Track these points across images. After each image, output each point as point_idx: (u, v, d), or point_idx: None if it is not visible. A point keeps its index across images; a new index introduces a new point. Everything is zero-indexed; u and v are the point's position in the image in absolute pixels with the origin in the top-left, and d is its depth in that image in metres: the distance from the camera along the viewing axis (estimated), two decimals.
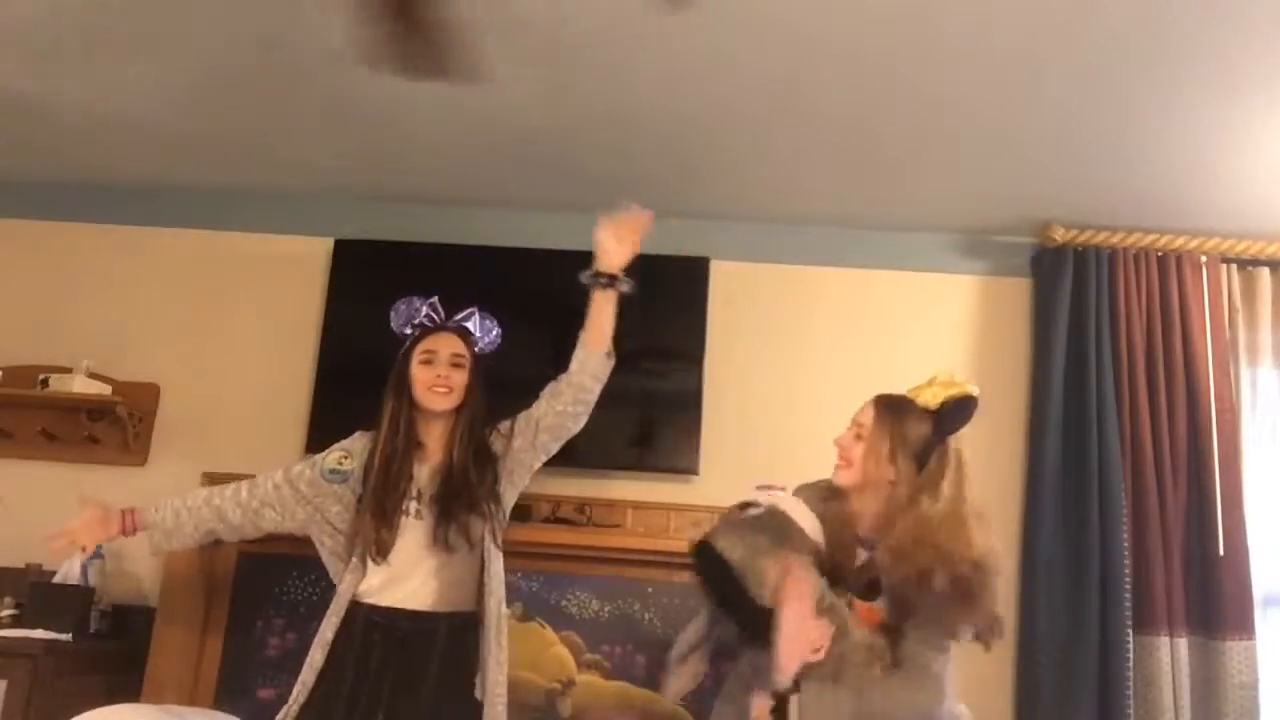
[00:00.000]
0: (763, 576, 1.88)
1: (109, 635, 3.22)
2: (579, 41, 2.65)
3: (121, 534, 2.41)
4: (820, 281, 3.60)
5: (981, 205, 3.45)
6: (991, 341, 3.54)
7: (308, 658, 2.22)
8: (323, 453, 2.43)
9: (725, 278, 3.52)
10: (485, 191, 3.57)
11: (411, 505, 2.29)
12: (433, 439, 2.35)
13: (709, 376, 3.41)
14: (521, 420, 2.37)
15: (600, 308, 2.28)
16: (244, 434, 3.49)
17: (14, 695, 2.81)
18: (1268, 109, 2.75)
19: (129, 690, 3.02)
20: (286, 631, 3.16)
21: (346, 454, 2.38)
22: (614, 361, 2.31)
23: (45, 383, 3.40)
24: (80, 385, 3.37)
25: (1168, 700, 3.05)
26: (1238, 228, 3.39)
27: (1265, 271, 3.45)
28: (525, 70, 2.80)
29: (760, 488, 2.13)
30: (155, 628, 3.14)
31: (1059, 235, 3.44)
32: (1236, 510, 3.20)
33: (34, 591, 3.15)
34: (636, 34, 2.61)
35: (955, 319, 3.57)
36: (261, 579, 3.20)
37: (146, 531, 2.40)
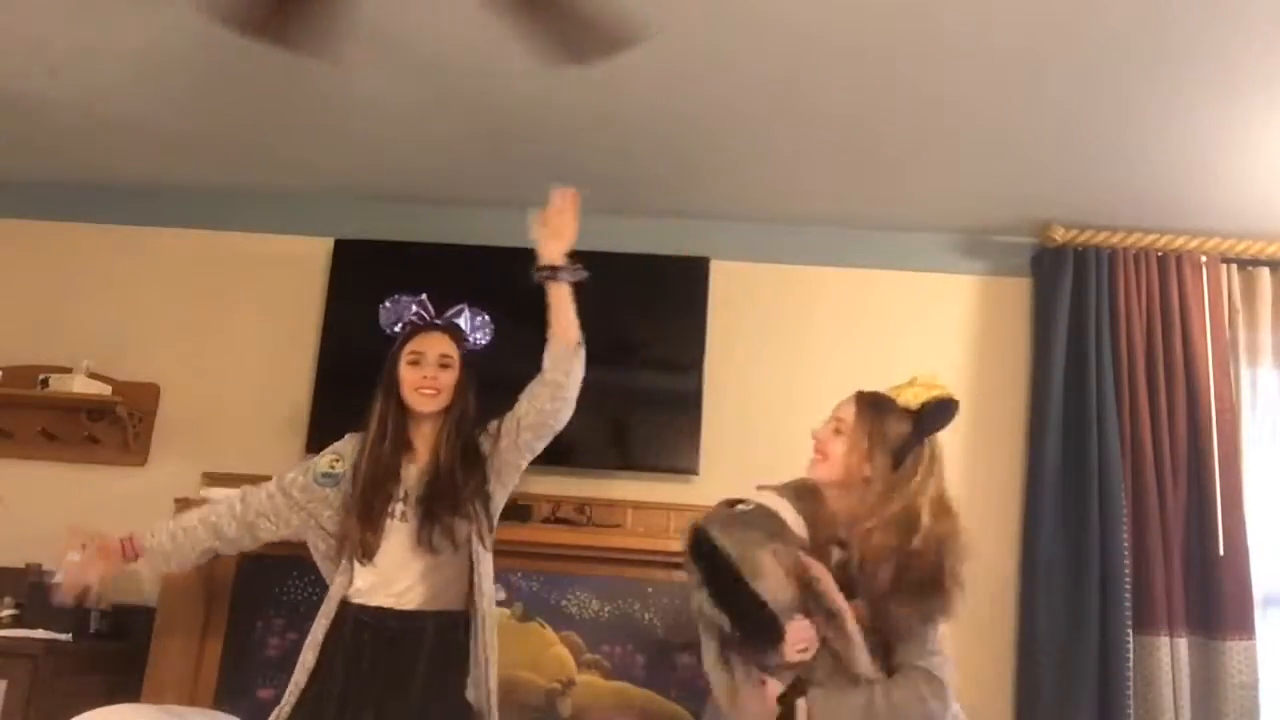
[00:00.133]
0: (758, 567, 1.86)
1: (109, 635, 3.22)
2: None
3: (124, 561, 2.36)
4: (820, 281, 3.60)
5: (981, 205, 3.45)
6: (991, 341, 3.54)
7: (300, 658, 2.22)
8: (314, 458, 2.42)
9: (725, 278, 3.52)
10: (485, 191, 3.56)
11: (398, 508, 2.26)
12: (421, 440, 2.33)
13: (709, 376, 3.41)
14: (507, 420, 2.34)
15: (555, 302, 2.26)
16: (244, 434, 3.50)
17: (14, 695, 2.81)
18: (1268, 109, 2.75)
19: (129, 690, 3.02)
20: (286, 632, 3.15)
21: (338, 457, 2.37)
22: (583, 350, 2.26)
23: (45, 383, 3.40)
24: (80, 385, 3.38)
25: (1168, 700, 3.05)
26: (1238, 228, 3.39)
27: (1265, 271, 3.45)
28: (525, 70, 2.79)
29: (760, 489, 2.11)
30: (155, 628, 3.14)
31: (1059, 235, 3.44)
32: (1236, 510, 3.20)
33: (34, 591, 3.15)
34: (638, 34, 2.61)
35: (955, 319, 3.57)
36: (261, 579, 3.19)
37: (146, 557, 2.36)
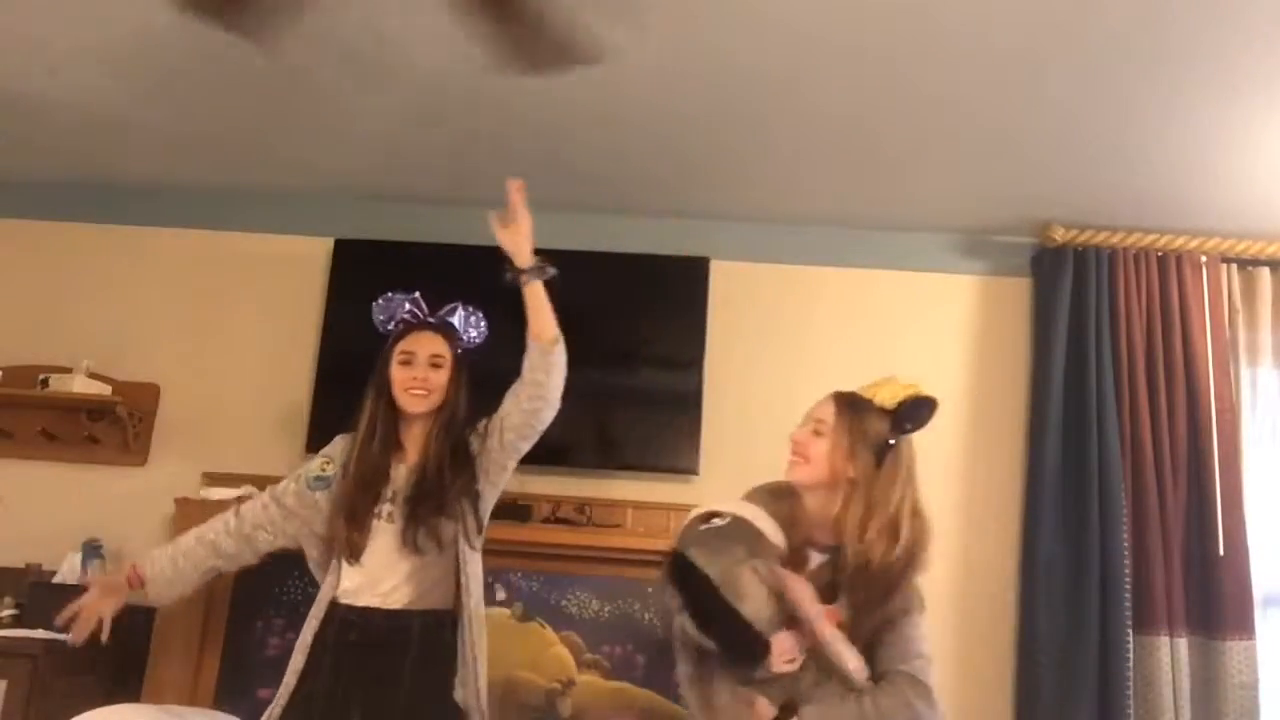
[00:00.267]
0: (741, 589, 1.82)
1: (109, 635, 3.21)
2: (587, 36, 2.64)
3: (131, 592, 2.35)
4: (820, 281, 3.60)
5: (981, 205, 3.45)
6: (991, 341, 3.54)
7: (290, 660, 2.21)
8: (306, 464, 2.40)
9: (725, 278, 3.52)
10: (485, 191, 3.53)
11: (384, 508, 2.25)
12: (411, 440, 2.32)
13: (709, 376, 3.41)
14: (492, 421, 2.32)
15: (529, 302, 2.24)
16: (244, 434, 3.50)
17: (14, 695, 2.81)
18: (1268, 109, 2.75)
19: (129, 690, 3.02)
20: (286, 632, 3.15)
21: (328, 460, 2.36)
22: (561, 348, 2.24)
23: (45, 383, 3.40)
24: (80, 385, 3.37)
25: (1168, 700, 3.05)
26: (1238, 228, 3.39)
27: (1265, 271, 3.45)
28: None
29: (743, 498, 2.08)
30: (155, 628, 3.14)
31: (1059, 235, 3.44)
32: (1236, 510, 3.20)
33: (34, 591, 3.15)
34: (636, 34, 2.61)
35: (955, 319, 3.57)
36: (261, 579, 3.18)
37: (150, 586, 2.34)
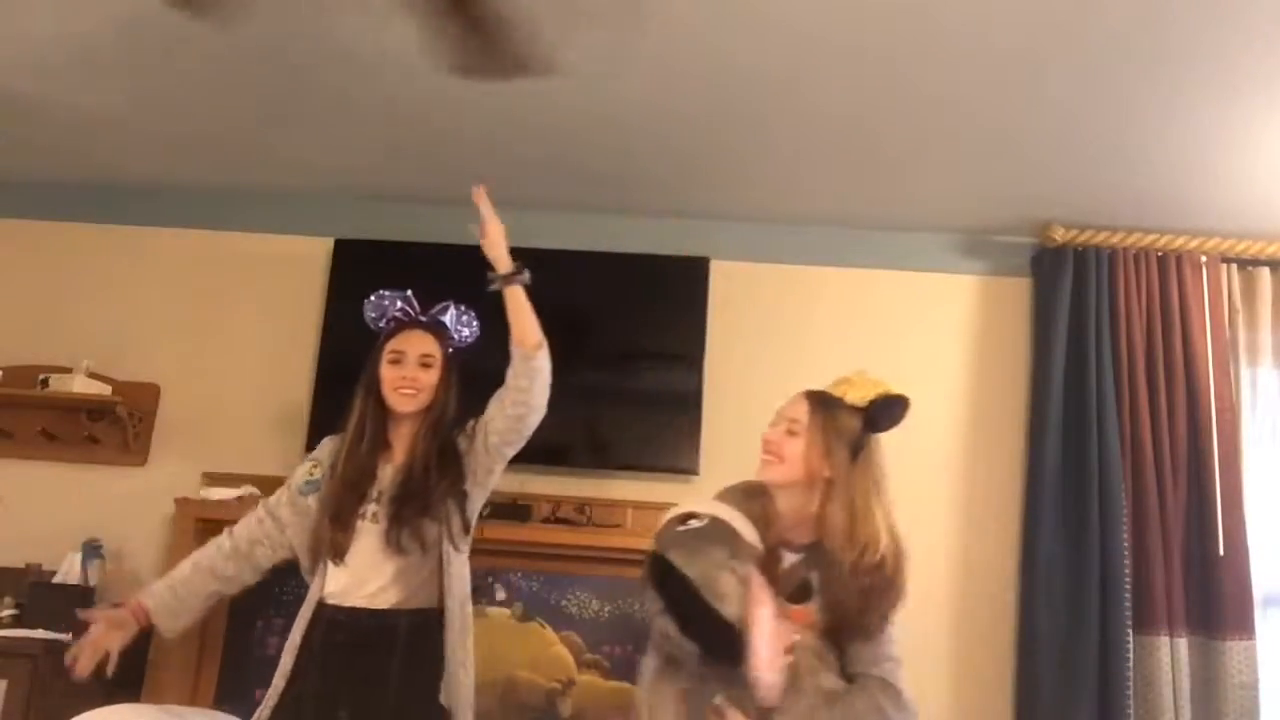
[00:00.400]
0: (721, 590, 1.80)
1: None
2: (580, 42, 2.65)
3: (138, 626, 2.27)
4: (820, 281, 3.60)
5: (981, 205, 3.45)
6: (991, 341, 3.54)
7: (279, 663, 2.20)
8: (294, 471, 2.37)
9: (725, 278, 3.52)
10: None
11: (370, 509, 2.22)
12: (399, 439, 2.29)
13: (709, 376, 3.41)
14: (479, 424, 2.30)
15: (510, 308, 2.22)
16: (244, 434, 3.50)
17: (14, 695, 2.81)
18: (1268, 109, 2.75)
19: (129, 690, 3.01)
20: (286, 632, 3.11)
21: (316, 463, 2.33)
22: (544, 353, 2.21)
23: (45, 383, 3.40)
24: (80, 385, 3.37)
25: (1168, 700, 3.05)
26: (1238, 228, 3.39)
27: (1265, 271, 3.45)
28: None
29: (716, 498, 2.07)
30: (155, 628, 3.13)
31: (1059, 235, 3.44)
32: (1236, 510, 3.20)
33: (34, 591, 3.16)
34: (637, 34, 2.61)
35: (955, 319, 3.57)
36: (261, 580, 3.18)
37: (155, 619, 2.28)
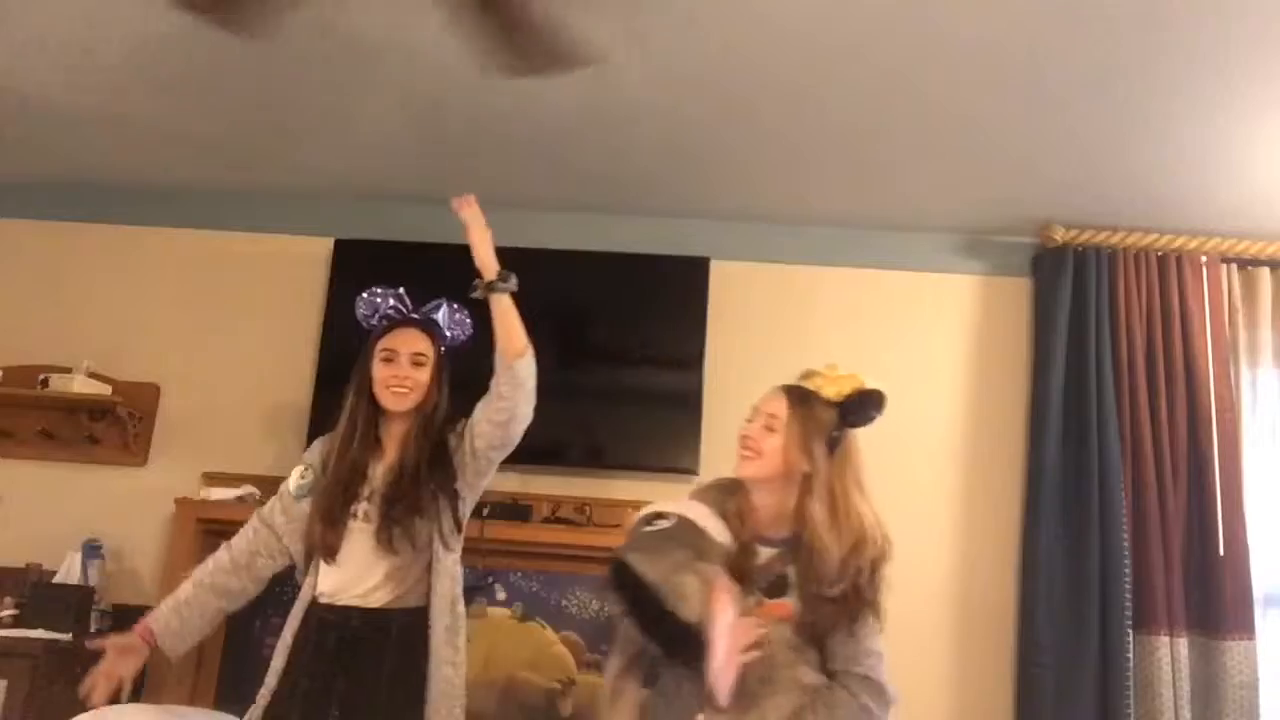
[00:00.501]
0: (683, 591, 1.81)
1: (109, 635, 3.21)
2: (580, 42, 2.64)
3: (148, 647, 2.25)
4: (820, 281, 3.60)
5: (981, 205, 3.45)
6: (991, 341, 3.54)
7: (272, 661, 2.20)
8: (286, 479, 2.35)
9: (725, 278, 3.52)
10: (485, 191, 3.54)
11: (361, 508, 2.21)
12: (391, 438, 2.28)
13: (709, 376, 3.41)
14: (466, 429, 2.28)
15: (495, 315, 2.20)
16: (244, 434, 3.50)
17: (14, 695, 2.82)
18: (1268, 109, 2.75)
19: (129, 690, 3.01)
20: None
21: (307, 466, 2.32)
22: (526, 359, 2.20)
23: (45, 383, 3.40)
24: (80, 385, 3.38)
25: (1168, 700, 3.05)
26: (1238, 228, 3.39)
27: (1265, 271, 3.45)
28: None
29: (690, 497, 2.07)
30: None
31: (1059, 235, 3.44)
32: (1236, 510, 3.20)
33: (34, 591, 3.16)
34: (636, 34, 2.61)
35: (955, 319, 3.57)
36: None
37: (161, 642, 2.25)
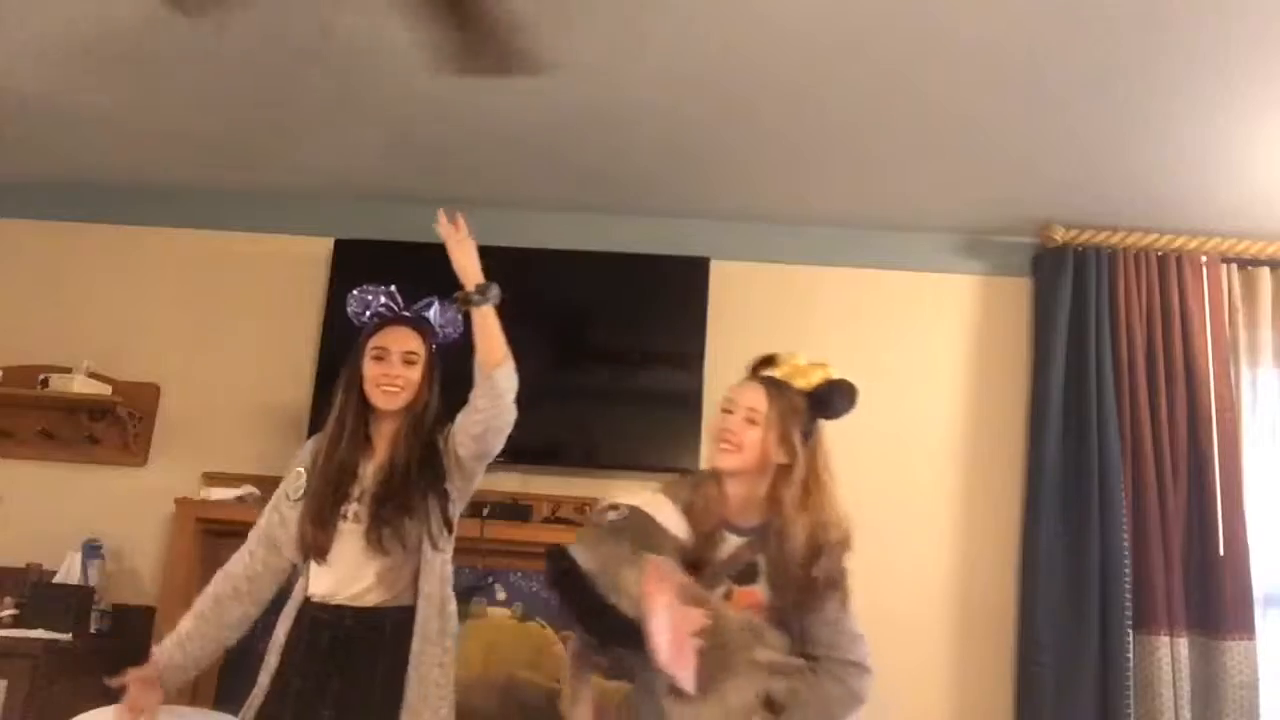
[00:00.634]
0: (620, 583, 1.81)
1: (109, 635, 3.22)
2: (580, 42, 2.65)
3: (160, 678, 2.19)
4: (820, 281, 3.60)
5: (981, 205, 3.45)
6: (991, 341, 3.54)
7: (264, 661, 2.18)
8: (280, 487, 2.32)
9: (725, 278, 3.52)
10: (485, 191, 3.57)
11: (351, 508, 2.19)
12: (381, 437, 2.26)
13: (709, 376, 3.41)
14: (450, 433, 2.25)
15: (476, 327, 2.17)
16: (244, 434, 3.50)
17: (14, 695, 2.81)
18: (1268, 109, 2.75)
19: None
20: None
21: (304, 468, 2.28)
22: (504, 371, 2.15)
23: (45, 383, 3.40)
24: (80, 385, 3.38)
25: (1168, 700, 3.05)
26: (1238, 228, 3.39)
27: (1265, 271, 3.45)
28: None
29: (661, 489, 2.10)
30: (155, 628, 3.13)
31: (1059, 235, 3.44)
32: (1236, 510, 3.20)
33: (34, 591, 3.16)
34: (637, 34, 2.61)
35: (955, 319, 3.57)
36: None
37: (167, 677, 2.19)
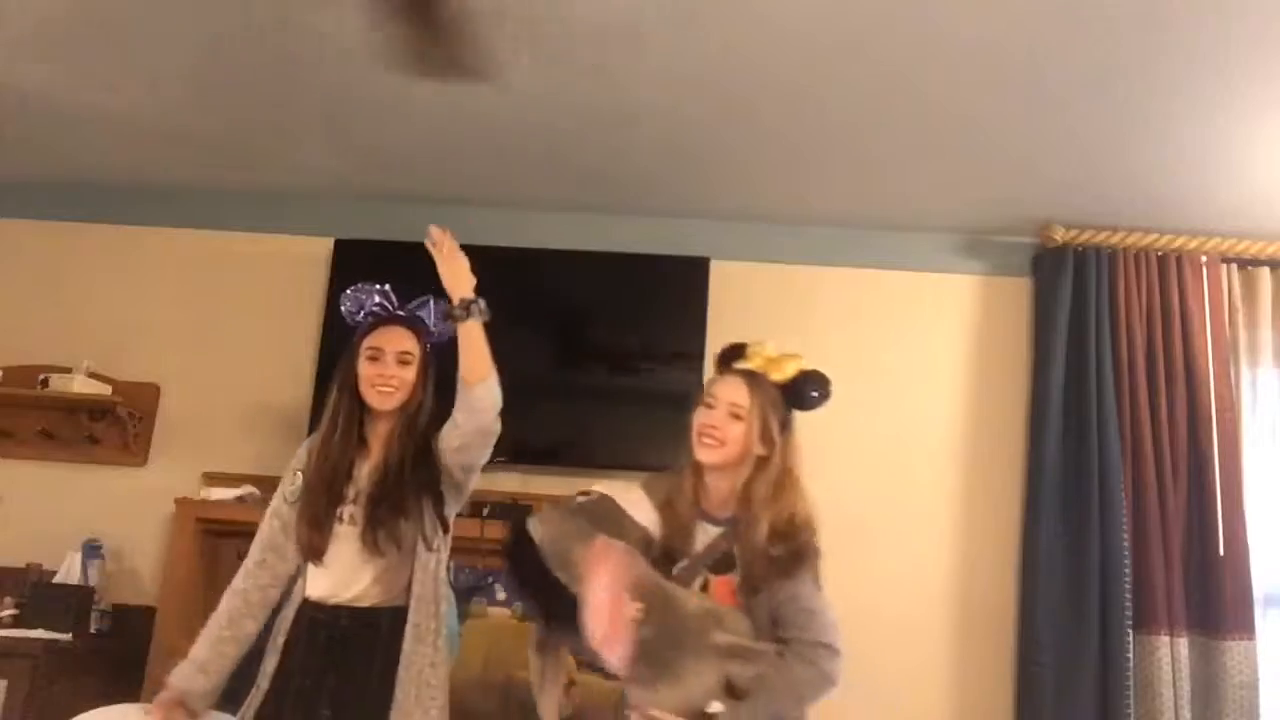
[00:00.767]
0: (567, 559, 1.83)
1: (109, 635, 3.22)
2: (581, 42, 2.65)
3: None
4: (820, 281, 3.60)
5: (981, 205, 3.45)
6: (991, 341, 3.54)
7: (262, 663, 2.18)
8: (277, 491, 2.30)
9: (725, 278, 3.51)
10: (485, 191, 3.57)
11: (346, 510, 2.18)
12: (376, 437, 2.25)
13: (709, 376, 3.39)
14: (439, 440, 2.22)
15: (461, 341, 2.15)
16: (244, 434, 3.50)
17: (14, 695, 2.82)
18: (1268, 109, 2.75)
19: (129, 690, 3.01)
20: None
21: (296, 472, 2.27)
22: (484, 388, 2.13)
23: (45, 383, 3.40)
24: (80, 385, 3.38)
25: (1168, 700, 3.05)
26: (1238, 228, 3.39)
27: (1265, 271, 3.45)
28: (526, 70, 2.80)
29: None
30: (155, 627, 3.14)
31: (1059, 235, 3.44)
32: (1236, 510, 3.20)
33: (34, 591, 3.16)
34: (638, 35, 2.61)
35: (955, 319, 3.57)
36: None
37: (191, 702, 2.20)
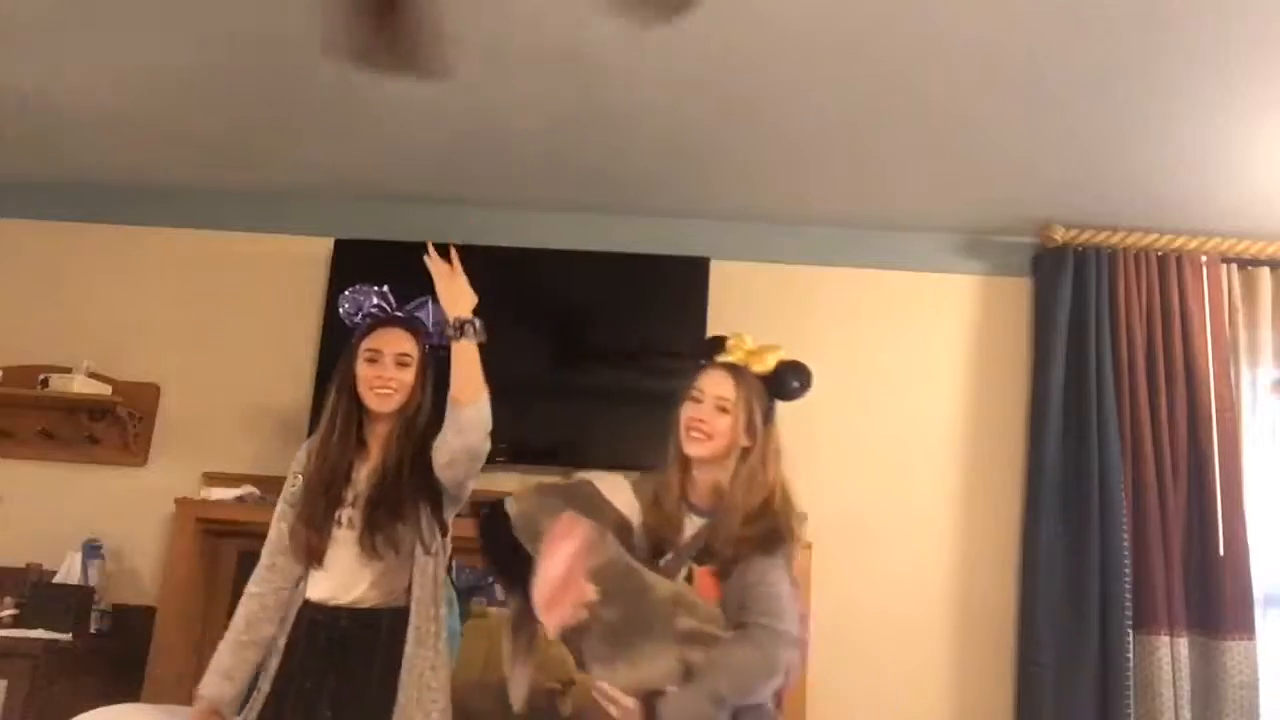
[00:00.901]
0: (536, 530, 1.85)
1: (109, 635, 3.22)
2: (581, 42, 2.65)
3: (220, 715, 2.16)
4: (820, 281, 3.60)
5: (981, 205, 3.45)
6: (991, 341, 3.54)
7: (263, 664, 2.19)
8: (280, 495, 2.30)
9: (725, 278, 3.51)
10: (485, 191, 3.57)
11: (345, 513, 2.18)
12: (375, 439, 2.24)
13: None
14: (432, 452, 2.20)
15: (453, 361, 2.12)
16: (244, 434, 3.49)
17: (14, 695, 2.81)
18: (1268, 109, 2.75)
19: (129, 690, 3.01)
20: None
21: (296, 474, 2.26)
22: (475, 407, 2.10)
23: (45, 383, 3.40)
24: (80, 385, 3.38)
25: (1168, 700, 3.05)
26: (1238, 228, 3.39)
27: (1265, 271, 3.45)
28: (527, 70, 2.80)
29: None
30: (155, 627, 3.14)
31: (1059, 235, 3.44)
32: (1236, 510, 3.20)
33: (34, 591, 3.16)
34: (638, 35, 2.61)
35: (955, 319, 3.57)
36: None
37: (221, 708, 2.17)
